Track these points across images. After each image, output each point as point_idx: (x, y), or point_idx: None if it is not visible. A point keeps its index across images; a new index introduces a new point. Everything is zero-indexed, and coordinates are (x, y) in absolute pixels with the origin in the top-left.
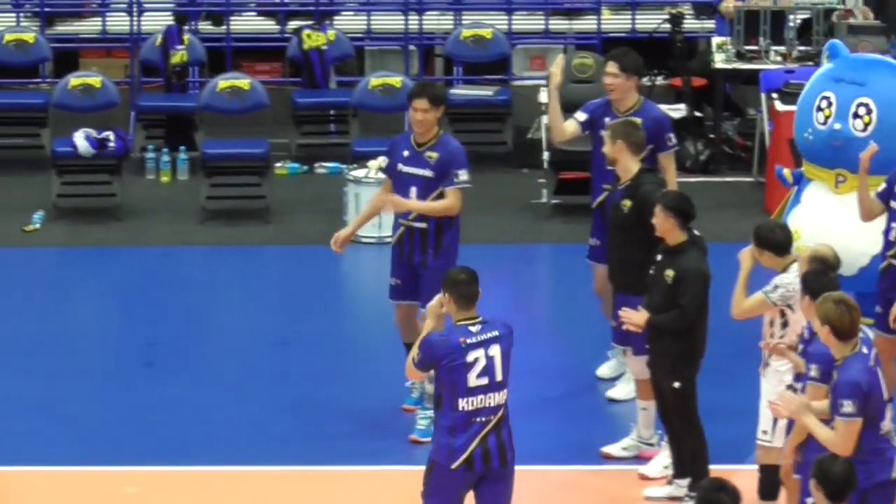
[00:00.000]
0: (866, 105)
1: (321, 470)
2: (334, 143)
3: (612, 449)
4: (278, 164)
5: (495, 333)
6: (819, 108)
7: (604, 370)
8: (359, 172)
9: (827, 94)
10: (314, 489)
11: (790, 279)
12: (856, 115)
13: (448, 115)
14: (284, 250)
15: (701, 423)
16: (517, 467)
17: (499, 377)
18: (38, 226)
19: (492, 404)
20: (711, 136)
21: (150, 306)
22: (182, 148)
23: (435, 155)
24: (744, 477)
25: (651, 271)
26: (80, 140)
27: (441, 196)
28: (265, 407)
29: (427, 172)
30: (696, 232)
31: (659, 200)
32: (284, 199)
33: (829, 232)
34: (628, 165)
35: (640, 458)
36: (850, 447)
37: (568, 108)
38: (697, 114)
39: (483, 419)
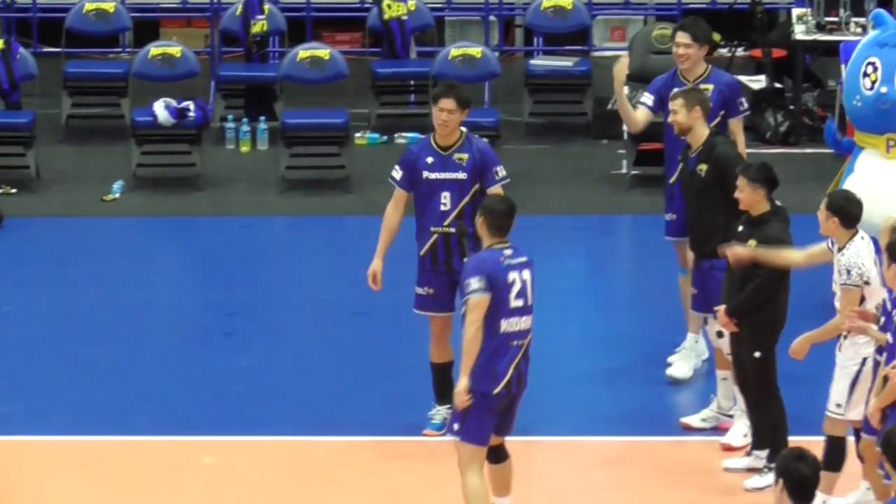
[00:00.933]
0: None
1: (400, 440)
2: (414, 113)
3: (692, 420)
4: (358, 135)
5: (525, 259)
6: (865, 74)
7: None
8: None
9: (872, 59)
10: (394, 460)
11: (855, 257)
12: None
13: (528, 86)
14: (364, 220)
15: (780, 394)
16: (593, 438)
17: (530, 300)
18: (117, 195)
19: (524, 328)
20: (791, 107)
21: (229, 276)
22: (262, 118)
23: (465, 156)
24: (820, 448)
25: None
26: (160, 110)
27: (475, 197)
28: (344, 377)
29: (461, 175)
30: (779, 202)
31: (743, 173)
32: (364, 170)
33: (883, 198)
34: (701, 132)
35: (719, 430)
36: None
37: (647, 80)
38: (777, 85)
39: (518, 343)
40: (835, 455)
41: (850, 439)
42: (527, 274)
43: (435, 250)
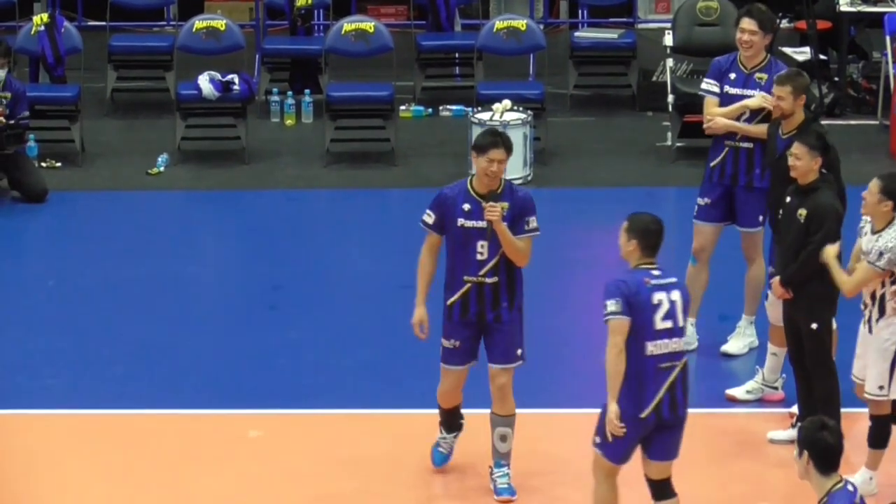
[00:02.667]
0: None
1: None
2: (459, 86)
3: (737, 392)
4: (403, 107)
5: (674, 280)
6: None
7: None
8: (483, 115)
9: None
10: (437, 433)
11: (892, 242)
12: None
13: (573, 58)
14: (409, 193)
15: (835, 367)
16: None
17: (680, 322)
18: (162, 169)
19: (676, 349)
20: (836, 79)
21: (274, 249)
22: (307, 91)
23: (506, 205)
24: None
25: (781, 213)
26: (205, 83)
27: None
28: (389, 350)
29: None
30: (824, 170)
31: (802, 141)
32: (409, 142)
33: None
34: (799, 115)
35: (764, 402)
36: None
37: (692, 52)
38: (822, 57)
39: (668, 365)
40: (880, 433)
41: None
42: (675, 295)
43: (467, 300)
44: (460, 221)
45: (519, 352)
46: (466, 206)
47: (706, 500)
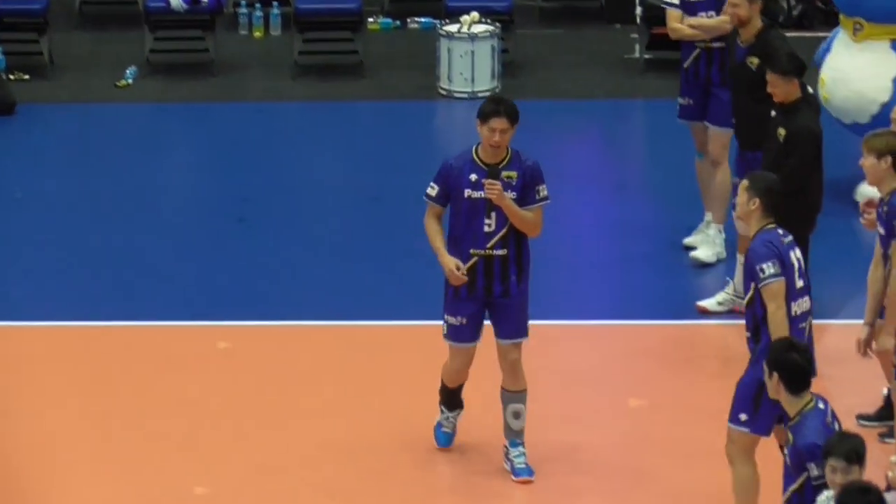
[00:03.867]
0: None
1: (413, 325)
2: None
3: (708, 303)
4: (371, 19)
5: (791, 237)
6: None
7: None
8: (451, 27)
9: None
10: (409, 343)
11: None
12: None
13: None
14: (377, 105)
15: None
16: (609, 322)
17: (807, 279)
18: (130, 81)
19: (807, 308)
20: None
21: (243, 162)
22: (275, 3)
23: (514, 174)
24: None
25: (744, 120)
26: None
27: None
28: (358, 262)
29: (510, 194)
30: (810, 89)
31: (772, 69)
32: (377, 55)
33: (846, 80)
34: (756, 24)
35: (735, 312)
36: None
37: None
38: None
39: (805, 325)
40: None
41: None
42: (799, 252)
43: (474, 275)
44: (467, 192)
45: (524, 330)
46: (473, 177)
47: (675, 405)
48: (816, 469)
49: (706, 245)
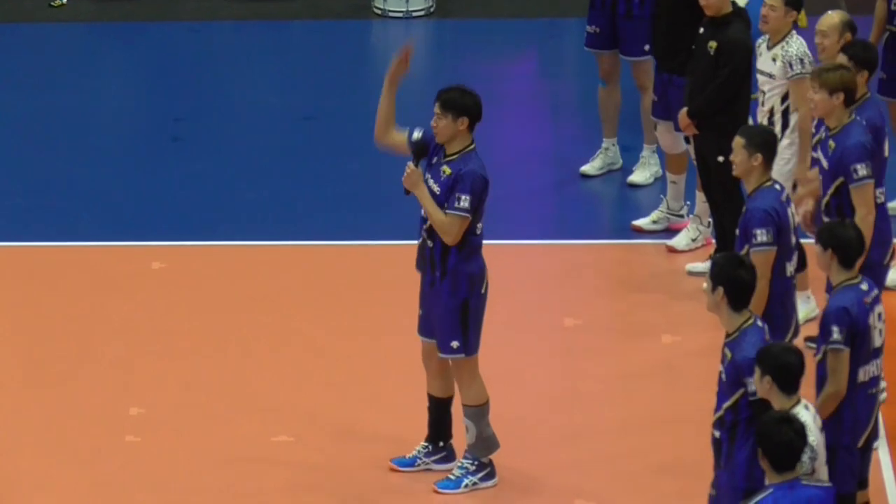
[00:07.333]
0: None
1: (345, 245)
2: None
3: (643, 222)
4: None
5: (877, 292)
6: None
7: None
8: None
9: None
10: (336, 264)
11: (802, 45)
12: None
13: None
14: (311, 24)
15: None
16: (547, 242)
17: (884, 338)
18: (65, 1)
19: (879, 371)
20: None
21: (176, 81)
22: None
23: (449, 171)
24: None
25: (694, 45)
26: None
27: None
28: (290, 182)
29: (435, 187)
30: (740, 3)
31: None
32: None
33: None
34: None
35: (670, 230)
36: None
37: None
38: None
39: (875, 390)
40: None
41: None
42: (880, 308)
43: (422, 254)
44: (422, 167)
45: (455, 344)
46: (434, 159)
47: (610, 325)
48: (753, 385)
49: (641, 168)
